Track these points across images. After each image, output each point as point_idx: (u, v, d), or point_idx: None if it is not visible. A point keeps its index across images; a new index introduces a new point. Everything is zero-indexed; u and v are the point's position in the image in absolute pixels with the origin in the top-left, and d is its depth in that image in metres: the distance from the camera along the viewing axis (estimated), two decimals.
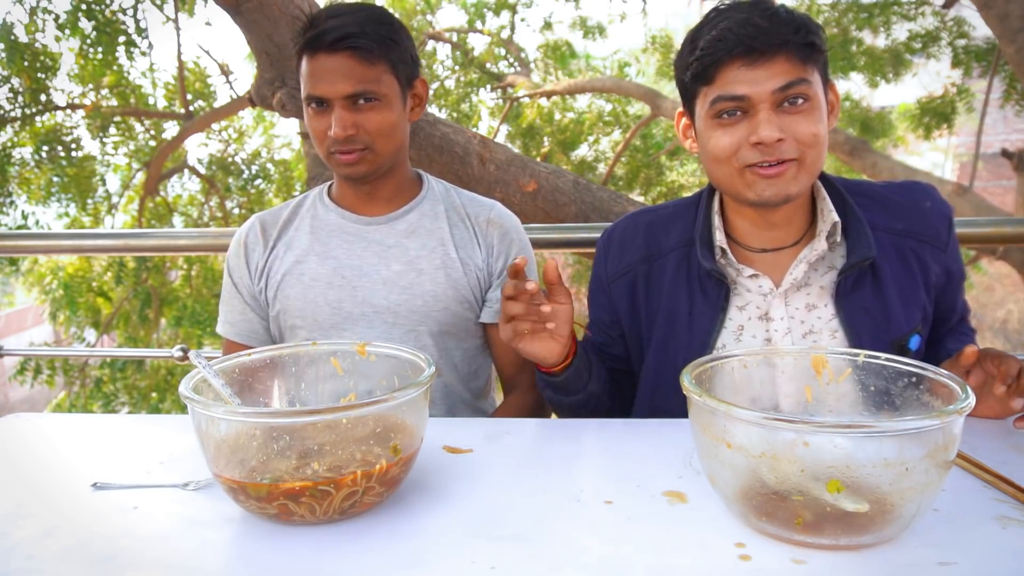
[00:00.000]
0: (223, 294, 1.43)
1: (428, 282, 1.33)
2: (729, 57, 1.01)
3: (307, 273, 1.34)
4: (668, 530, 0.76)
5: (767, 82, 1.00)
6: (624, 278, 1.23)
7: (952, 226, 1.16)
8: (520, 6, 8.00)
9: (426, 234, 1.36)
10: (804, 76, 1.00)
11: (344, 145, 1.26)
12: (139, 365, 6.02)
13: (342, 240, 1.36)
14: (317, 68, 1.23)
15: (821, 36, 1.03)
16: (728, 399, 0.72)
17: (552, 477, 0.90)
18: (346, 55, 1.22)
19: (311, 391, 0.99)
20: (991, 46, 5.70)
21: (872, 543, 0.71)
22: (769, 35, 0.99)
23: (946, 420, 0.66)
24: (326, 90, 1.23)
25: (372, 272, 1.33)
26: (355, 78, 1.23)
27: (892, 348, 1.10)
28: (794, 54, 1.00)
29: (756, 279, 1.13)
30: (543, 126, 7.29)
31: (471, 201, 1.43)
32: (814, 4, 6.58)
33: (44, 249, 3.04)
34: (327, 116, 1.25)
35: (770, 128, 1.00)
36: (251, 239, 1.39)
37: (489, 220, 1.40)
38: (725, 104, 1.03)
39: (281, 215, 1.41)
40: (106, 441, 1.06)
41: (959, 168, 13.16)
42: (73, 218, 6.50)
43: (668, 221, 1.22)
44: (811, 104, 1.02)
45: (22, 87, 5.48)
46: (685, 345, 1.15)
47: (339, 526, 0.78)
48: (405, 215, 1.38)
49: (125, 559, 0.73)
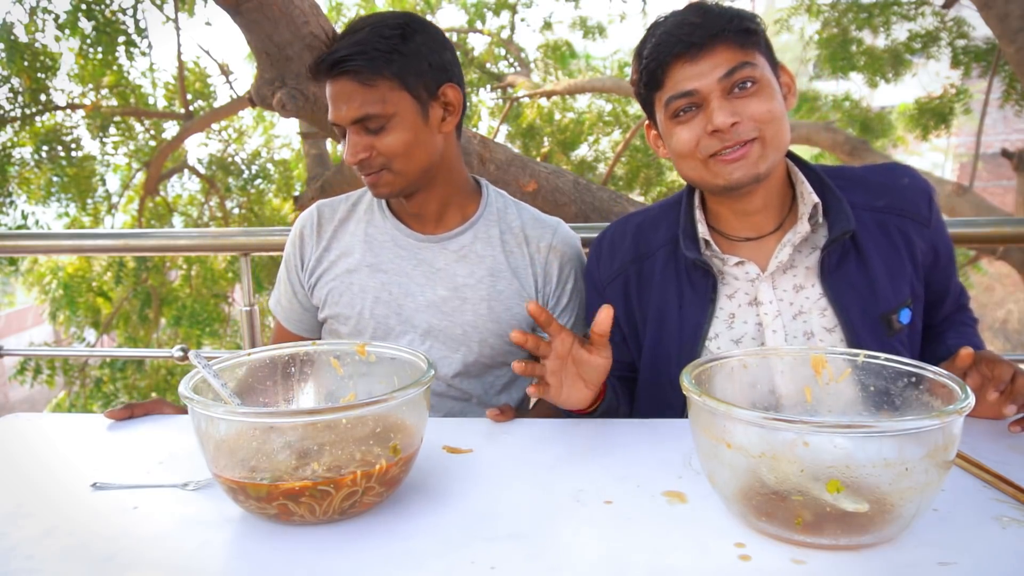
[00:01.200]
0: (280, 273, 1.44)
1: (470, 312, 1.31)
2: (672, 57, 1.06)
3: (356, 283, 1.33)
4: (668, 530, 0.76)
5: (711, 72, 1.04)
6: (617, 280, 1.25)
7: (933, 202, 1.17)
8: (520, 6, 8.00)
9: (476, 260, 1.32)
10: (746, 60, 1.04)
11: (363, 169, 1.25)
12: (139, 365, 6.02)
13: (394, 254, 1.34)
14: (329, 94, 1.22)
15: (756, 22, 1.07)
16: (728, 399, 0.72)
17: (552, 477, 0.90)
18: (346, 79, 1.19)
19: (311, 391, 0.99)
20: (991, 46, 5.70)
21: (872, 543, 0.71)
22: (704, 28, 1.03)
23: (946, 420, 0.66)
24: (336, 116, 1.22)
25: (418, 293, 1.32)
26: (356, 102, 1.19)
27: (882, 322, 1.11)
28: (732, 41, 1.04)
29: (742, 266, 1.16)
30: (543, 126, 7.29)
31: (532, 221, 1.37)
32: (814, 4, 6.58)
33: (44, 249, 3.04)
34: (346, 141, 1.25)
35: (723, 114, 1.03)
36: (307, 231, 1.38)
37: (551, 247, 1.34)
38: (678, 103, 1.07)
39: (339, 209, 1.39)
40: (106, 441, 1.06)
41: (959, 168, 13.16)
42: (73, 218, 6.51)
43: (655, 221, 1.25)
44: (759, 85, 1.05)
45: (22, 87, 5.48)
46: (677, 338, 1.17)
47: (339, 526, 0.78)
48: (458, 236, 1.33)
49: (125, 559, 0.73)
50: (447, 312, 1.31)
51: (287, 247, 1.42)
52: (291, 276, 1.40)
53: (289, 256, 1.41)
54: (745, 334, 1.15)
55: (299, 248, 1.39)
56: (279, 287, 1.44)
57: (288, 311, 1.43)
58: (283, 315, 1.43)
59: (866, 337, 1.10)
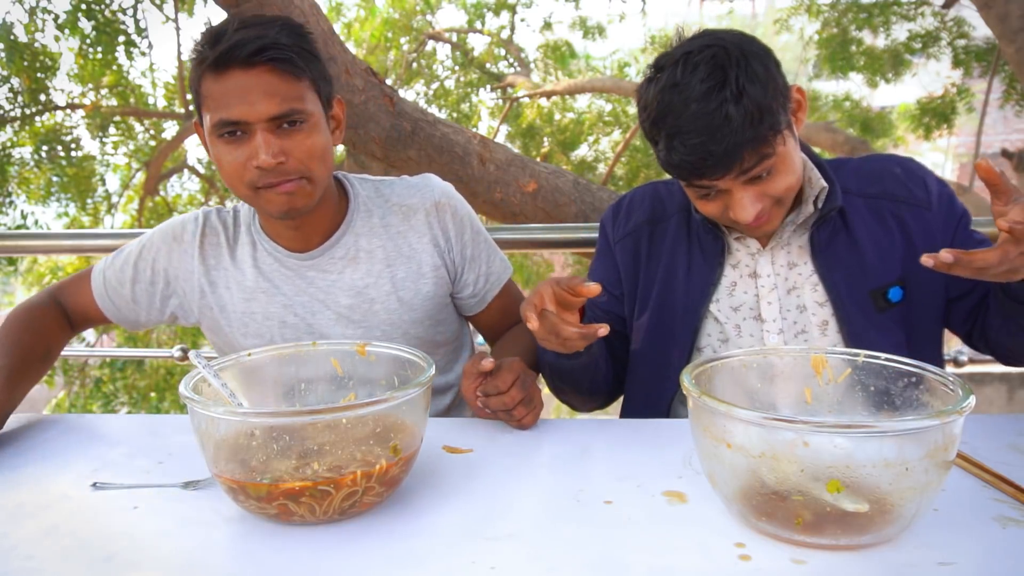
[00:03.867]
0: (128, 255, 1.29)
1: (381, 310, 1.25)
2: (694, 178, 1.05)
3: (259, 311, 1.25)
4: (668, 530, 0.76)
5: (732, 173, 1.03)
6: (630, 238, 1.29)
7: (931, 185, 1.17)
8: (520, 6, 8.00)
9: (367, 257, 1.25)
10: (766, 153, 1.02)
11: (276, 176, 1.09)
12: (139, 365, 6.02)
13: (283, 278, 1.25)
14: (231, 88, 1.05)
15: (777, 100, 1.01)
16: (728, 399, 0.72)
17: (552, 477, 0.90)
18: (266, 70, 1.05)
19: (311, 391, 0.99)
20: (991, 46, 5.70)
21: (872, 543, 0.71)
22: (727, 157, 0.99)
23: (946, 420, 0.66)
24: (245, 112, 1.05)
25: (322, 308, 1.24)
26: (279, 96, 1.06)
27: (872, 298, 1.14)
28: (756, 148, 1.00)
29: (743, 240, 1.21)
30: (543, 126, 7.30)
31: (406, 190, 1.29)
32: (814, 4, 6.59)
33: (43, 249, 3.04)
34: (244, 145, 1.08)
35: (745, 211, 1.05)
36: (189, 239, 1.26)
37: (437, 204, 1.27)
38: (701, 189, 1.08)
39: (224, 230, 1.28)
40: (106, 441, 1.06)
41: (959, 168, 13.16)
42: (73, 218, 6.51)
43: (674, 190, 1.30)
44: (780, 161, 1.04)
45: (22, 87, 5.49)
46: (683, 299, 1.22)
47: (339, 526, 0.78)
48: (340, 239, 1.25)
49: (125, 559, 0.73)
50: (358, 319, 1.25)
51: (155, 237, 1.28)
52: (141, 266, 1.27)
53: (154, 250, 1.27)
54: (743, 303, 1.19)
55: (170, 250, 1.26)
56: (114, 265, 1.28)
57: (113, 292, 1.28)
58: (101, 292, 1.28)
59: (855, 311, 1.13)
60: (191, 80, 1.12)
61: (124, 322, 1.31)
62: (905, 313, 1.15)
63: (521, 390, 1.04)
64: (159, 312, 1.30)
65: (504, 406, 1.03)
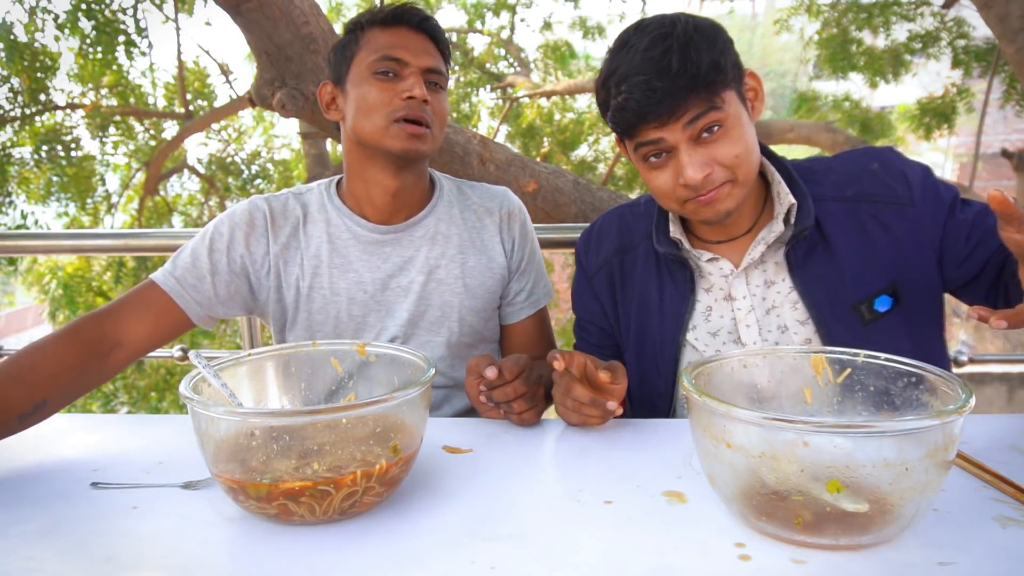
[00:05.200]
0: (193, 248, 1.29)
1: (447, 291, 1.33)
2: (638, 121, 1.03)
3: (327, 287, 1.30)
4: (668, 530, 0.76)
5: (678, 126, 1.02)
6: (603, 271, 1.28)
7: (912, 178, 1.12)
8: (520, 6, 8.01)
9: (444, 241, 1.34)
10: (712, 105, 1.01)
11: (416, 113, 1.23)
12: (139, 365, 6.01)
13: (360, 251, 1.31)
14: (399, 38, 1.26)
15: (723, 57, 1.01)
16: (728, 399, 0.72)
17: (552, 477, 0.90)
18: (426, 36, 1.28)
19: (311, 391, 0.99)
20: (991, 46, 5.70)
21: (872, 543, 0.71)
22: (671, 95, 1.00)
23: (946, 420, 0.66)
24: (409, 56, 1.24)
25: (392, 284, 1.31)
26: (434, 55, 1.28)
27: (856, 312, 1.10)
28: (699, 93, 1.00)
29: (716, 262, 1.17)
30: (543, 126, 7.30)
31: (485, 195, 1.42)
32: (814, 4, 6.59)
33: (43, 249, 3.04)
34: (396, 84, 1.23)
35: (693, 168, 1.03)
36: (259, 222, 1.30)
37: (510, 213, 1.40)
38: (648, 149, 1.07)
39: (291, 209, 1.33)
40: (105, 441, 1.06)
41: (959, 168, 13.17)
42: (72, 218, 6.51)
43: (639, 214, 1.28)
44: (726, 126, 1.03)
45: (22, 87, 5.49)
46: (659, 329, 1.20)
47: (339, 526, 0.78)
48: (422, 220, 1.34)
49: (124, 559, 0.73)
50: (424, 296, 1.32)
51: (223, 227, 1.29)
52: (216, 257, 1.27)
53: (227, 238, 1.28)
54: (722, 327, 1.17)
55: (246, 235, 1.29)
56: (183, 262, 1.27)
57: (192, 290, 1.26)
58: (180, 294, 1.25)
59: (838, 329, 1.10)
60: (343, 42, 1.30)
61: (205, 321, 1.29)
62: (899, 319, 1.11)
63: (525, 384, 1.04)
64: (238, 305, 1.32)
65: (506, 397, 1.03)
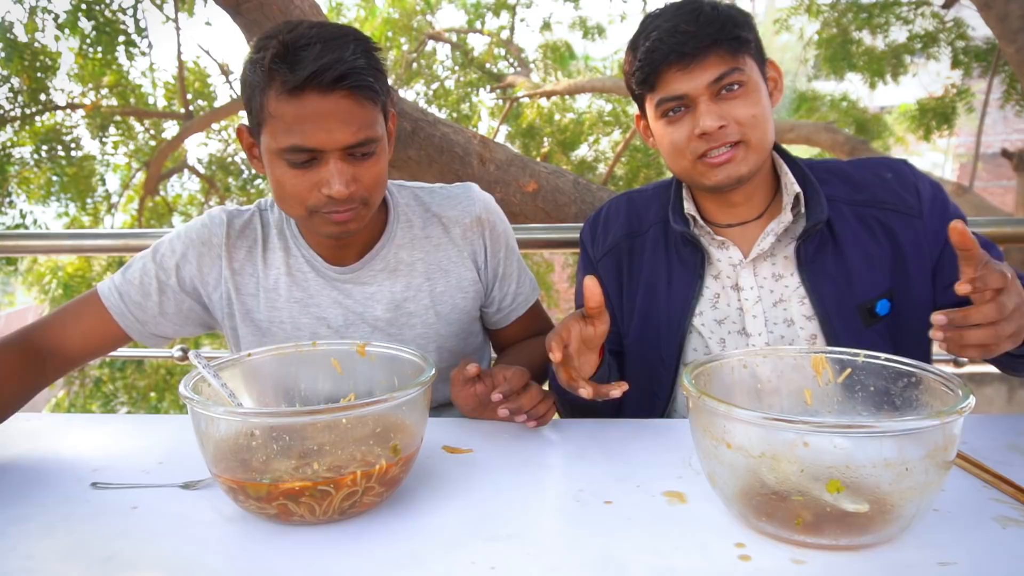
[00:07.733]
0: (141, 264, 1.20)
1: (419, 324, 1.24)
2: (664, 65, 1.08)
3: (287, 321, 1.21)
4: (668, 530, 0.76)
5: (701, 77, 1.07)
6: (610, 255, 1.28)
7: (924, 191, 1.14)
8: (520, 7, 8.01)
9: (407, 270, 1.23)
10: (736, 66, 1.07)
11: (340, 205, 1.05)
12: (138, 365, 6.02)
13: (320, 286, 1.21)
14: (307, 112, 0.99)
15: (749, 25, 1.09)
16: (728, 399, 0.72)
17: (552, 477, 0.90)
18: (343, 95, 0.99)
19: (311, 391, 0.99)
20: (991, 46, 5.70)
21: (872, 543, 0.71)
22: (697, 38, 1.06)
23: (946, 420, 0.66)
24: (322, 141, 1.00)
25: (357, 321, 1.22)
26: (355, 125, 1.01)
27: (858, 312, 1.12)
28: (724, 49, 1.06)
29: (725, 250, 1.18)
30: (543, 126, 7.29)
31: (445, 201, 1.27)
32: (814, 4, 6.58)
33: (43, 249, 3.04)
34: (313, 172, 1.03)
35: (710, 118, 1.07)
36: (217, 241, 1.20)
37: (477, 219, 1.26)
38: (668, 104, 1.11)
39: (252, 229, 1.22)
40: (105, 441, 1.06)
41: (959, 168, 13.16)
42: (72, 218, 6.51)
43: (648, 199, 1.29)
44: (747, 88, 1.08)
45: (22, 87, 5.49)
46: (665, 313, 1.20)
47: (339, 526, 0.78)
48: (380, 251, 1.22)
49: (124, 559, 0.73)
50: (394, 333, 1.23)
51: (176, 243, 1.20)
52: (164, 276, 1.19)
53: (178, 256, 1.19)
54: (727, 316, 1.18)
55: (199, 256, 1.19)
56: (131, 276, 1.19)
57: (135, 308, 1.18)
58: (121, 311, 1.17)
59: (841, 327, 1.12)
60: (250, 87, 1.04)
61: (147, 338, 1.21)
62: (892, 325, 1.13)
63: (539, 392, 1.04)
64: (192, 323, 1.24)
65: (532, 402, 1.02)
